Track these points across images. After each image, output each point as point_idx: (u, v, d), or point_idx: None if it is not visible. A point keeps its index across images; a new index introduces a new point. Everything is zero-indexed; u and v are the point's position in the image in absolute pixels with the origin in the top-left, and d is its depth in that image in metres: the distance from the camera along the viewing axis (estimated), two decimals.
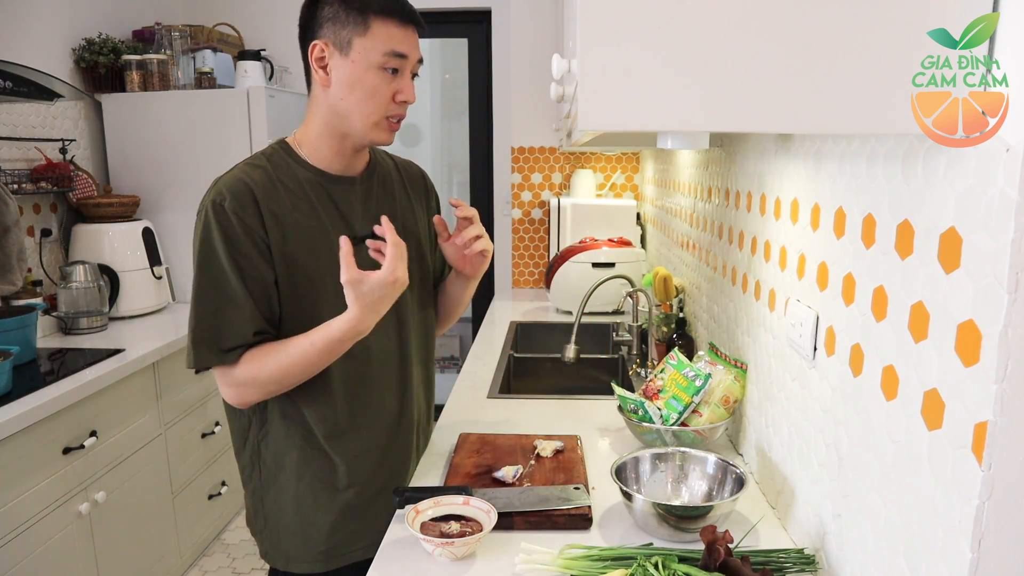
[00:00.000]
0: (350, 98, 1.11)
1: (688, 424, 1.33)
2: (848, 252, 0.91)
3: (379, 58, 1.08)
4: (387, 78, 1.10)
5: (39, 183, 2.43)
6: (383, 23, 1.08)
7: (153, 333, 2.43)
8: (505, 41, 3.15)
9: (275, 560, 1.25)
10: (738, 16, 0.64)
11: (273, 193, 1.13)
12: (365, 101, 1.11)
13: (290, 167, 1.17)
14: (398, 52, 1.09)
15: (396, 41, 1.09)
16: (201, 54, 2.86)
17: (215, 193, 1.11)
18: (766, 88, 0.65)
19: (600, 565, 0.98)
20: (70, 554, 1.87)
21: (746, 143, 1.42)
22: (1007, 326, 0.59)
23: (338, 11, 1.09)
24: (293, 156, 1.18)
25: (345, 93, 1.11)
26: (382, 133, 1.14)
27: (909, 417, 0.75)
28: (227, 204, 1.09)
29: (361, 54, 1.08)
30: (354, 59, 1.09)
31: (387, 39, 1.08)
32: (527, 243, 3.28)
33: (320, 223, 1.16)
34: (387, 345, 1.24)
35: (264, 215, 1.11)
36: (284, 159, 1.18)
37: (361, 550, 1.23)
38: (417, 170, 1.39)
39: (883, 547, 0.81)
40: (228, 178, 1.13)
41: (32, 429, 1.73)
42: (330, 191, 1.19)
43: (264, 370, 1.11)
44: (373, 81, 1.09)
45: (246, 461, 1.24)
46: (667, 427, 1.32)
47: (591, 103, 0.67)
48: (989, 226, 0.61)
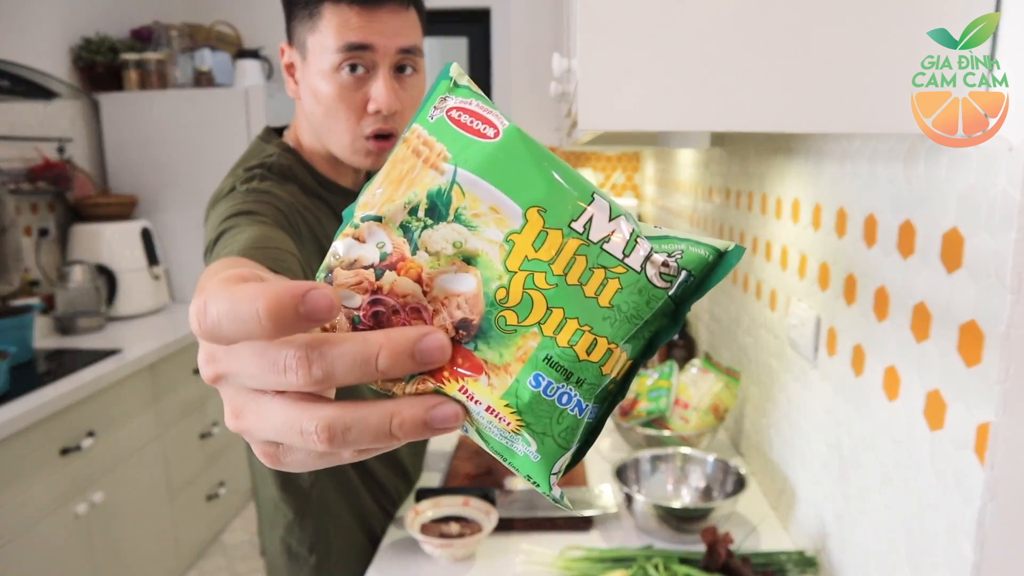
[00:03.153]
0: (317, 114, 0.87)
1: (674, 429, 1.33)
2: (849, 252, 0.91)
3: (331, 56, 0.82)
4: (349, 83, 0.83)
5: (36, 183, 2.42)
6: (334, 8, 0.81)
7: (151, 333, 2.43)
8: (504, 40, 3.15)
9: None
10: (738, 15, 0.64)
11: (312, 217, 0.90)
12: (329, 118, 0.86)
13: (308, 182, 0.94)
14: (355, 43, 0.81)
15: (351, 30, 0.81)
16: (199, 53, 2.85)
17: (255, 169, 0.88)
18: (766, 87, 0.65)
19: (600, 567, 0.97)
20: (68, 556, 1.87)
21: (747, 143, 1.41)
22: (1009, 326, 0.59)
23: (293, 6, 0.86)
24: (307, 166, 0.95)
25: (311, 107, 0.87)
26: (363, 157, 0.88)
27: (911, 418, 0.74)
28: (270, 177, 0.85)
29: (314, 55, 0.84)
30: (310, 62, 0.85)
31: (339, 30, 0.81)
32: None
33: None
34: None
35: (296, 221, 0.88)
36: (303, 173, 0.94)
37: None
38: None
39: (885, 549, 0.80)
40: (267, 156, 0.90)
41: (29, 430, 1.72)
42: (343, 207, 0.99)
43: None
44: (328, 89, 0.84)
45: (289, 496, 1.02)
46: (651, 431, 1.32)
47: (591, 102, 0.67)
48: (991, 226, 0.61)
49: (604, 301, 0.29)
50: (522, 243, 0.29)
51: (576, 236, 0.29)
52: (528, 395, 0.29)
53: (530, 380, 0.29)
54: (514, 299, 0.29)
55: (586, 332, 0.29)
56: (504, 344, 0.29)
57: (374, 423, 0.28)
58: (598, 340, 0.29)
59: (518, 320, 0.29)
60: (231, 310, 0.26)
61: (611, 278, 0.30)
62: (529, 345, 0.29)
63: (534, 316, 0.29)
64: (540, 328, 0.29)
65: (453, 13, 3.25)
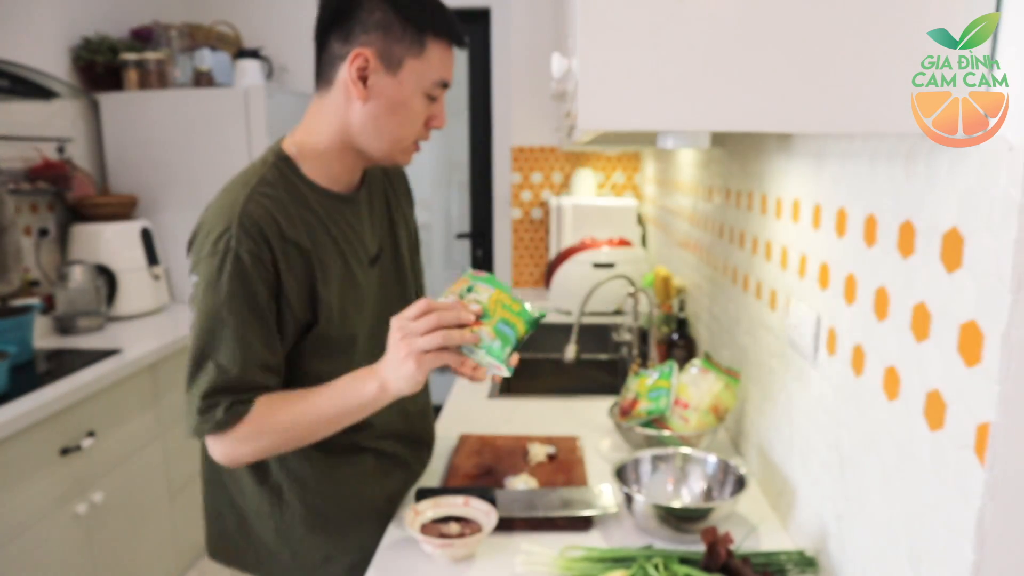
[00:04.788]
0: (388, 119, 1.00)
1: (674, 429, 1.33)
2: (849, 252, 0.91)
3: (429, 86, 1.00)
4: (428, 104, 1.02)
5: (36, 183, 2.42)
6: (439, 46, 0.99)
7: (151, 333, 2.43)
8: (505, 40, 3.15)
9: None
10: (738, 16, 0.64)
11: (288, 223, 1.00)
12: (403, 125, 1.01)
13: (300, 190, 1.03)
14: (447, 82, 1.02)
15: (448, 69, 1.01)
16: (199, 53, 2.85)
17: (222, 236, 0.96)
18: (766, 87, 0.65)
19: (600, 567, 0.97)
20: (68, 556, 1.87)
21: (747, 143, 1.41)
22: (1010, 326, 0.59)
23: (392, 22, 0.96)
24: (298, 175, 1.04)
25: (383, 113, 1.00)
26: (405, 155, 1.06)
27: (911, 418, 0.74)
28: (243, 252, 0.95)
29: (412, 77, 0.98)
30: (402, 80, 0.98)
31: (441, 66, 1.00)
32: (527, 243, 3.28)
33: (343, 257, 1.06)
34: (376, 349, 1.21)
35: (290, 256, 0.99)
36: (293, 180, 1.03)
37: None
38: (398, 168, 1.28)
39: (885, 549, 0.80)
40: (243, 216, 0.96)
41: (29, 430, 1.72)
42: (344, 215, 1.07)
43: (267, 426, 0.98)
44: (417, 107, 1.01)
45: (265, 493, 1.12)
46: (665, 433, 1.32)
47: (591, 102, 0.67)
48: (992, 226, 0.61)
49: (516, 310, 0.95)
50: (492, 300, 0.95)
51: (511, 298, 0.96)
52: (497, 328, 0.92)
53: (498, 325, 0.92)
54: (490, 310, 0.93)
55: (512, 319, 0.94)
56: (487, 319, 0.93)
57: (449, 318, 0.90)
58: (516, 322, 0.94)
59: (490, 313, 0.94)
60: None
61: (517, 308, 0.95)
62: (497, 317, 0.93)
63: (496, 314, 0.94)
64: (498, 315, 0.94)
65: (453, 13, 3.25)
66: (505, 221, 3.27)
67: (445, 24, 1.00)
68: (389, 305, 1.10)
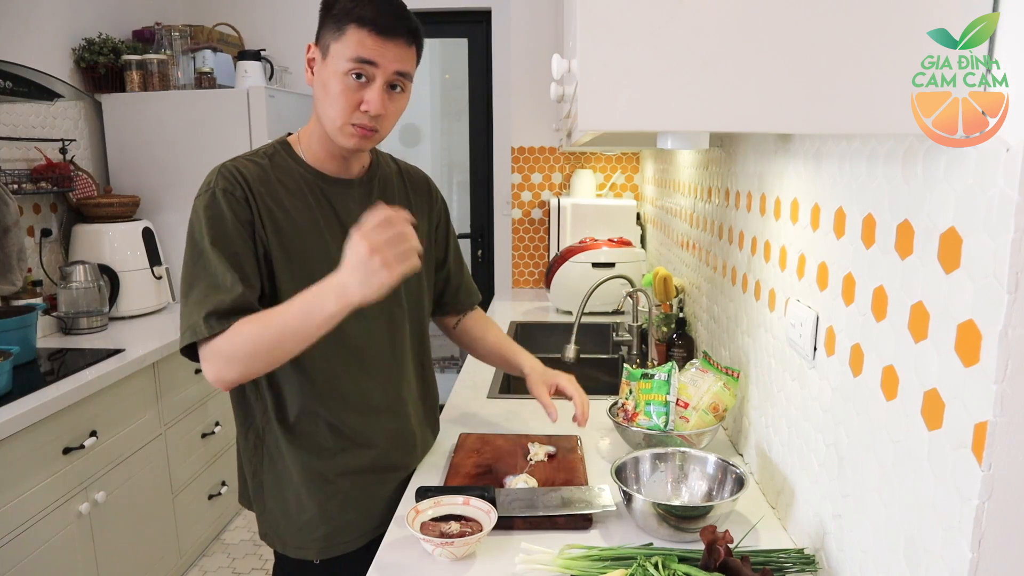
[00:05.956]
0: (322, 101, 1.14)
1: (675, 429, 1.32)
2: (848, 252, 0.91)
3: (345, 64, 1.09)
4: (353, 85, 1.10)
5: (39, 183, 2.43)
6: (357, 31, 1.09)
7: (153, 333, 2.43)
8: (505, 41, 3.15)
9: (273, 542, 1.27)
10: (738, 16, 0.64)
11: (268, 188, 1.15)
12: (331, 105, 1.12)
13: (288, 166, 1.20)
14: (365, 59, 1.09)
15: (366, 49, 1.09)
16: (201, 54, 2.86)
17: (206, 182, 1.14)
18: (766, 88, 0.65)
19: (600, 565, 0.98)
20: (70, 554, 1.87)
21: (746, 143, 1.42)
22: (1007, 326, 0.59)
23: (326, 18, 1.13)
24: (292, 155, 1.21)
25: (319, 95, 1.14)
26: (347, 139, 1.14)
27: (909, 417, 0.75)
28: (218, 190, 1.12)
29: (333, 59, 1.10)
30: (328, 63, 1.11)
31: (357, 46, 1.09)
32: (527, 243, 3.28)
33: (315, 223, 1.18)
34: (379, 340, 1.25)
35: (259, 207, 1.13)
36: (284, 158, 1.20)
37: (354, 540, 1.24)
38: (422, 176, 1.39)
39: (883, 547, 0.81)
40: (223, 166, 1.16)
41: (32, 429, 1.73)
42: (327, 192, 1.20)
43: (239, 339, 1.06)
44: (338, 86, 1.10)
45: (250, 443, 1.25)
46: (660, 431, 1.32)
47: (591, 103, 0.67)
48: (989, 226, 0.61)
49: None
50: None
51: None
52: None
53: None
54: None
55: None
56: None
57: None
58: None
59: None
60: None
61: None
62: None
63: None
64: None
65: (454, 14, 3.25)
66: (505, 221, 3.27)
67: (368, 11, 1.09)
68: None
